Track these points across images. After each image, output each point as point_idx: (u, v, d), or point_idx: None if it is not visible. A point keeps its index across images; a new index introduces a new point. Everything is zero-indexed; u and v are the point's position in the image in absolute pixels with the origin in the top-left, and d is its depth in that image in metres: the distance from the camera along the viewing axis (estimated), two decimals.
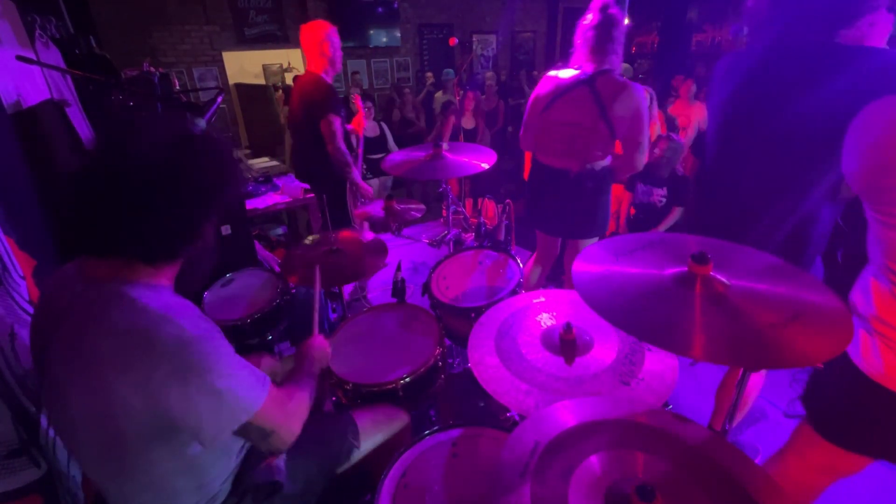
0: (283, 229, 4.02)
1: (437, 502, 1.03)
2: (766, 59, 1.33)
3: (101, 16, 5.09)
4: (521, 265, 1.81)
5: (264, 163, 4.07)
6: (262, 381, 0.89)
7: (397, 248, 3.67)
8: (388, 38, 8.00)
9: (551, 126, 2.03)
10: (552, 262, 2.47)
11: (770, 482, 0.74)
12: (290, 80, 7.30)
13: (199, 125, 1.50)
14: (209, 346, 0.79)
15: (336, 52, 2.59)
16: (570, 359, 1.18)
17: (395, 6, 7.82)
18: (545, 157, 2.12)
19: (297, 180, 3.03)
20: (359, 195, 2.92)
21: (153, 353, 0.74)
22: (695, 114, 4.59)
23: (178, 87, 4.12)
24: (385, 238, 1.93)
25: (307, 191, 2.90)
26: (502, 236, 2.25)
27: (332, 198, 2.71)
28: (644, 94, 1.87)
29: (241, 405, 0.83)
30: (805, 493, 1.21)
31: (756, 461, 1.06)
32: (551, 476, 0.76)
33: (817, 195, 1.27)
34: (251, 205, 2.66)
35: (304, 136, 2.72)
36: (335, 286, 1.99)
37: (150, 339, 0.74)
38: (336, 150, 2.60)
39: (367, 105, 4.32)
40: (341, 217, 2.80)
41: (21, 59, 1.60)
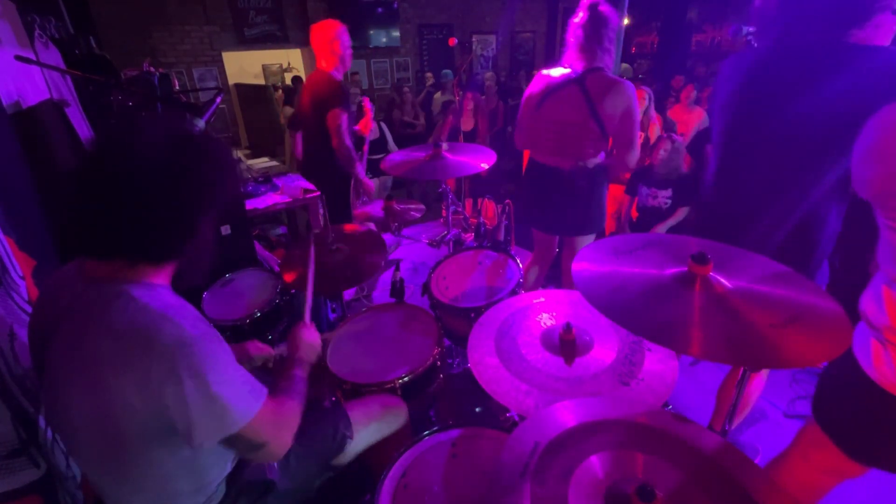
0: (283, 229, 4.02)
1: (436, 503, 1.03)
2: (770, 59, 1.32)
3: (101, 16, 5.10)
4: (520, 265, 1.81)
5: (264, 163, 4.06)
6: (257, 392, 0.87)
7: (397, 248, 3.67)
8: (388, 39, 8.01)
9: (543, 124, 2.03)
10: (550, 262, 2.47)
11: (770, 483, 0.74)
12: (290, 80, 7.30)
13: (198, 126, 1.50)
14: (208, 347, 0.78)
15: (346, 50, 2.65)
16: (570, 359, 1.18)
17: (395, 6, 7.82)
18: (538, 155, 2.13)
19: (303, 178, 3.05)
20: (361, 192, 2.94)
21: (152, 352, 0.74)
22: (694, 119, 4.56)
23: (177, 88, 4.12)
24: (385, 238, 1.93)
25: (307, 191, 2.91)
26: (502, 236, 2.25)
27: (335, 194, 2.73)
28: (635, 91, 1.87)
29: (232, 414, 0.81)
30: (811, 493, 1.19)
31: (756, 461, 1.05)
32: (551, 476, 0.76)
33: (822, 195, 1.25)
34: (251, 205, 2.66)
35: (311, 132, 2.76)
36: (341, 289, 1.98)
37: (150, 338, 0.74)
38: (341, 144, 2.62)
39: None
40: (343, 214, 2.83)
41: (20, 59, 1.60)
